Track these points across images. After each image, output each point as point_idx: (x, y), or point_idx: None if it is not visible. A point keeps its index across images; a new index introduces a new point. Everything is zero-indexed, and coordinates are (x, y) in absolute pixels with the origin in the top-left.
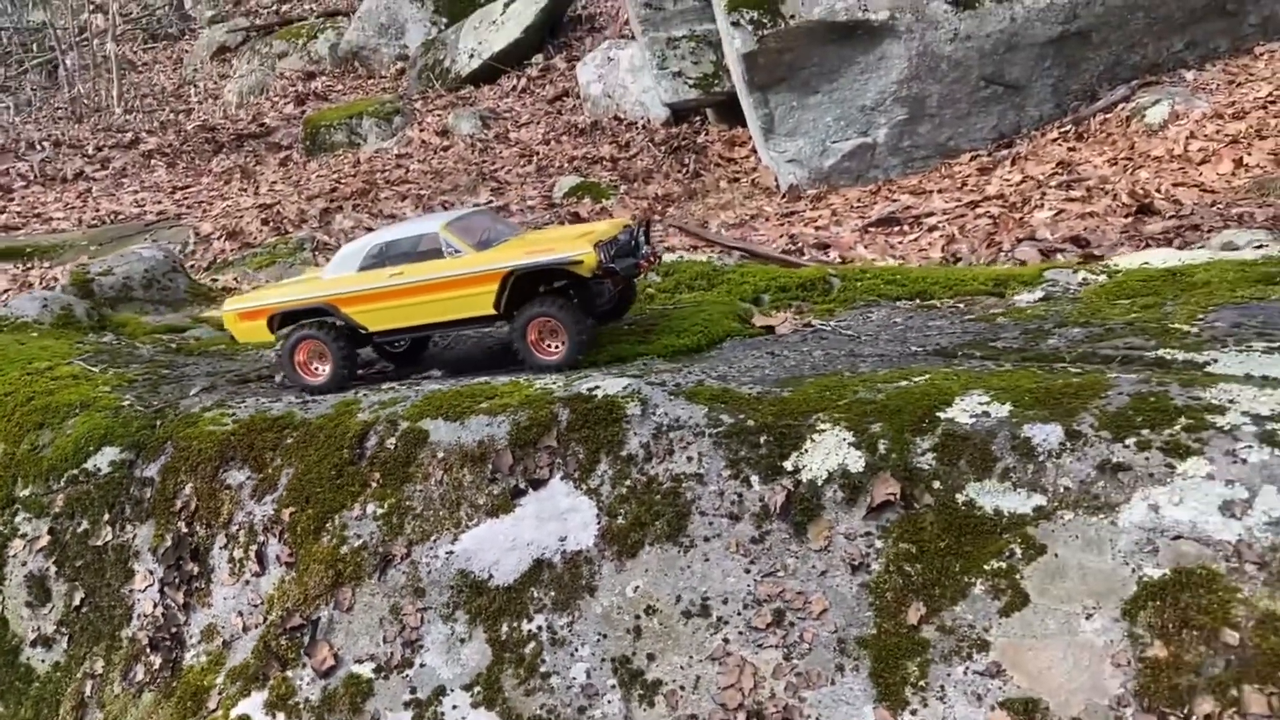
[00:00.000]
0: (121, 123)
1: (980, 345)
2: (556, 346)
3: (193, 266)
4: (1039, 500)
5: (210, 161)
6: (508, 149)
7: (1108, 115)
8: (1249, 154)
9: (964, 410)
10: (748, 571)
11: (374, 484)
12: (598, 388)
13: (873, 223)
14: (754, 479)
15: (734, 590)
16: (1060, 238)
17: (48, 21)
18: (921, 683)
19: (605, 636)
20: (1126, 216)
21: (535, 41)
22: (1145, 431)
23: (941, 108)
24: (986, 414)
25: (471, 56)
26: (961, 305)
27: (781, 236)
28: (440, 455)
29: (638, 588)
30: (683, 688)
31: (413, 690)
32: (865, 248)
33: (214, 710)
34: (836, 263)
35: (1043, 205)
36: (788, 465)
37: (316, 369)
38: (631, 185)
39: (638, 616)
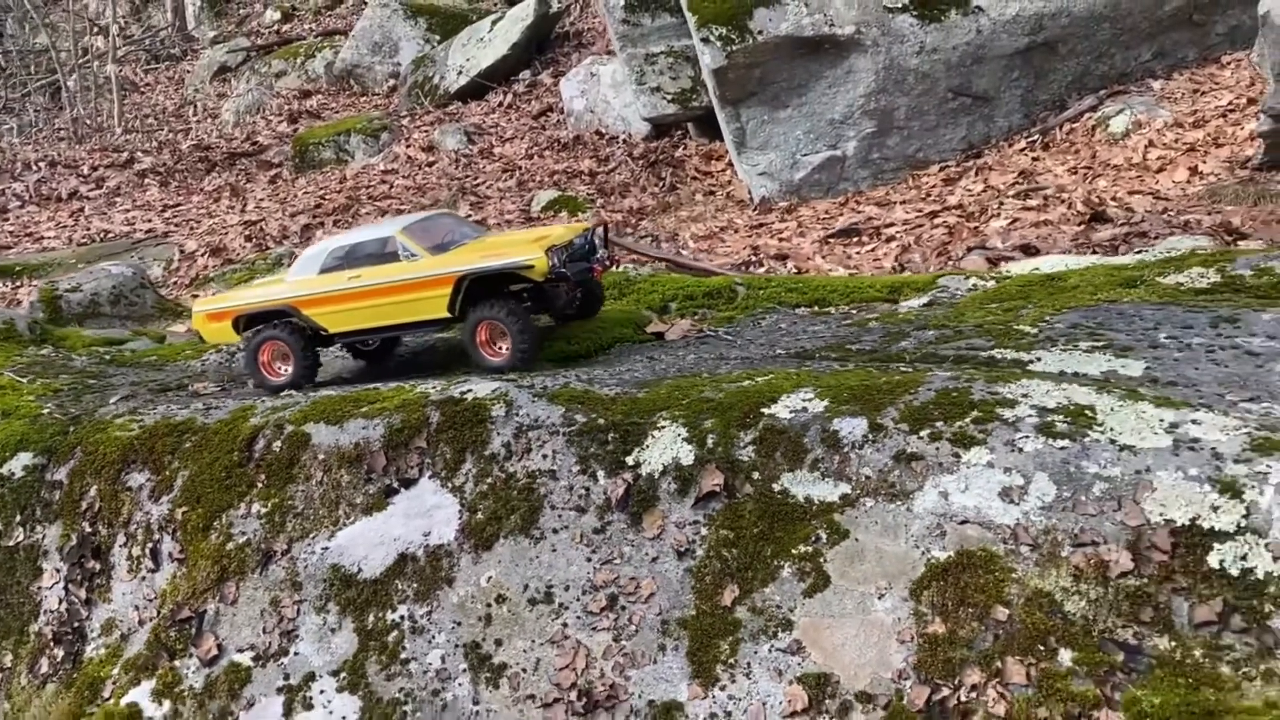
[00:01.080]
0: (120, 143)
1: (838, 348)
2: (504, 349)
3: (175, 282)
4: (844, 489)
5: (202, 180)
6: (491, 164)
7: (1074, 125)
8: (1204, 162)
9: (786, 407)
10: (589, 560)
11: (259, 484)
12: (470, 391)
13: (833, 234)
14: (600, 474)
15: (575, 578)
16: (1010, 245)
17: (51, 44)
18: (731, 660)
19: (459, 624)
20: (1079, 224)
21: (522, 58)
22: (939, 424)
23: (910, 120)
24: (805, 409)
25: (460, 73)
26: (853, 311)
27: (745, 248)
28: (321, 457)
29: (491, 578)
30: (525, 670)
31: (286, 677)
32: (823, 258)
33: (107, 699)
34: (792, 273)
35: (999, 214)
36: (630, 460)
37: (280, 369)
38: (608, 199)
39: (489, 605)
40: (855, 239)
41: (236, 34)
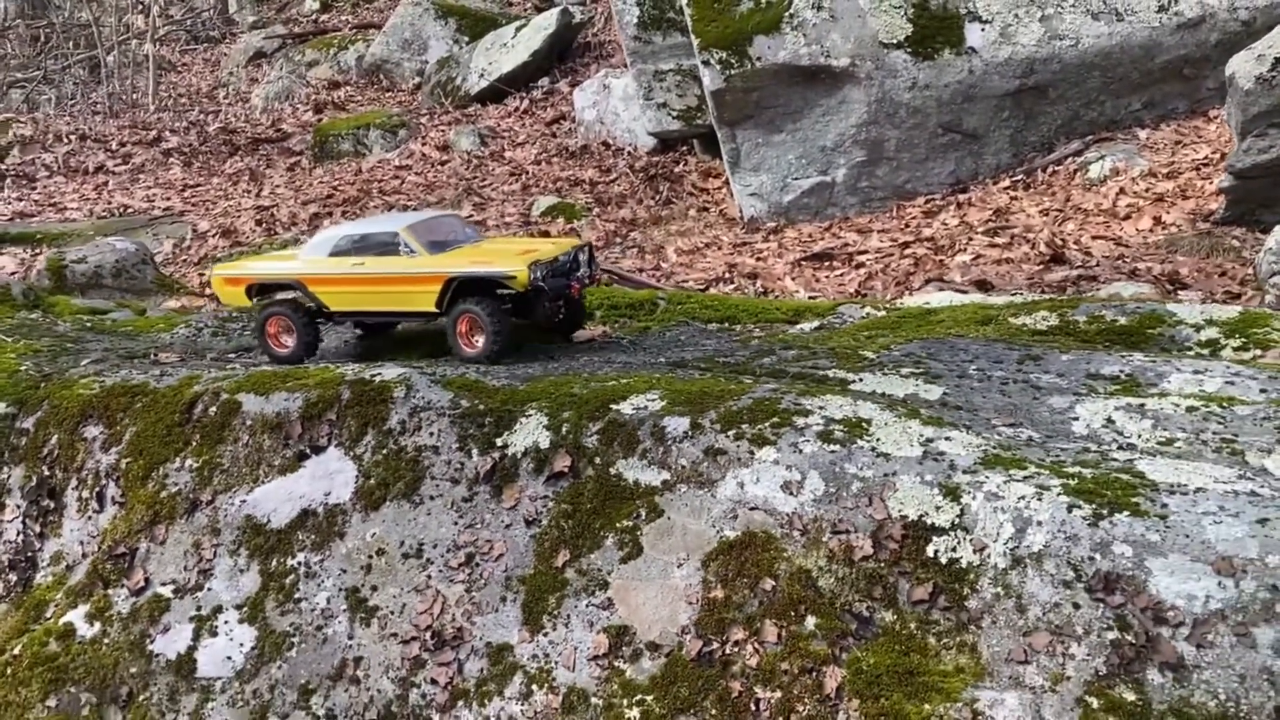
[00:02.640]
0: (152, 120)
1: (709, 360)
2: (479, 342)
3: (185, 260)
4: (665, 475)
5: (225, 163)
6: (500, 166)
7: (1057, 168)
8: (1169, 213)
9: (631, 405)
10: (455, 524)
11: (194, 442)
12: (379, 374)
13: (807, 257)
14: (474, 452)
15: (443, 538)
16: (967, 280)
17: (94, 19)
18: (556, 612)
19: (345, 571)
20: (1039, 264)
21: (542, 65)
22: (745, 426)
23: (899, 151)
24: (645, 408)
25: (481, 76)
26: (754, 329)
27: (723, 265)
28: (248, 422)
29: (375, 534)
30: (393, 613)
31: (198, 608)
32: (792, 280)
33: (48, 618)
34: (760, 293)
35: (965, 249)
36: (499, 442)
37: (285, 341)
38: (605, 209)
39: (371, 556)
40: (827, 263)
41: (275, 20)
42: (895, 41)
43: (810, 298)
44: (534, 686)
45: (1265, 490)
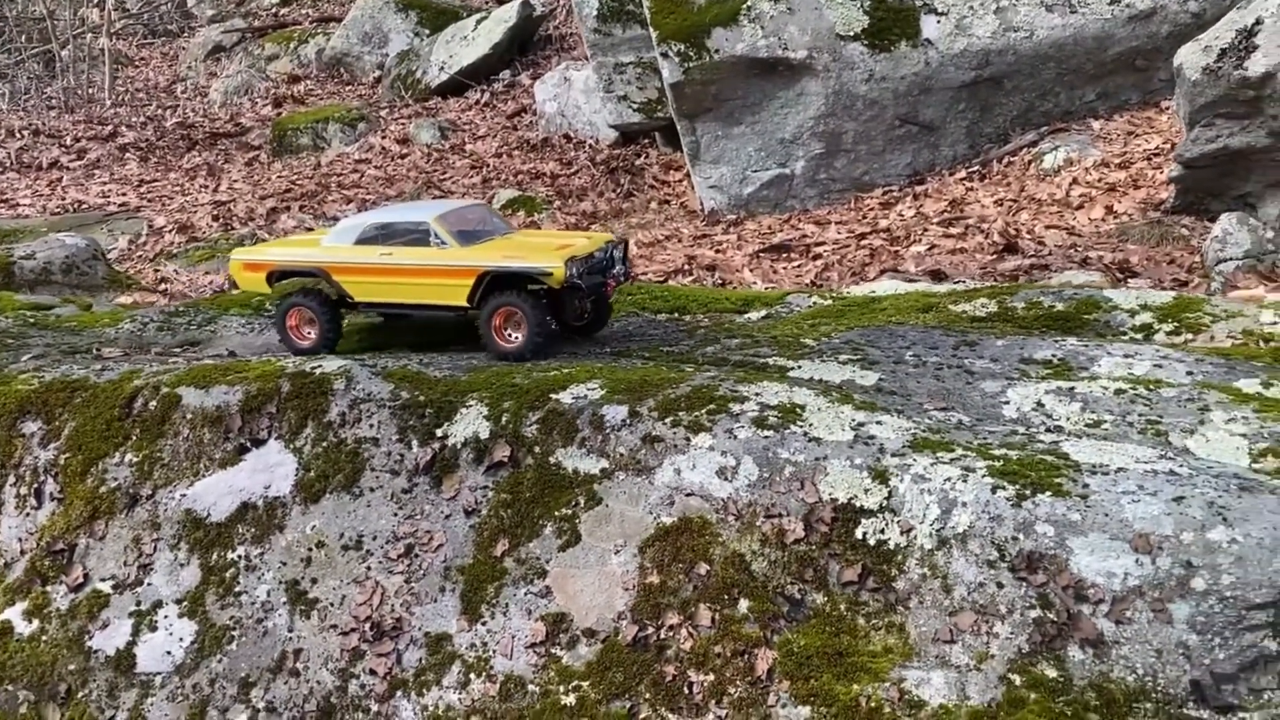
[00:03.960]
0: (108, 115)
1: (655, 349)
2: (516, 336)
3: (140, 256)
4: (604, 463)
5: (182, 158)
6: (461, 159)
7: (1013, 158)
8: (1120, 202)
9: (571, 394)
10: (395, 515)
11: (134, 437)
12: (319, 366)
13: (765, 249)
14: (414, 443)
15: (382, 529)
16: (922, 270)
17: (48, 12)
18: (494, 601)
19: (285, 564)
20: (992, 254)
21: (503, 58)
22: (682, 413)
23: (857, 144)
24: (585, 397)
25: (441, 69)
26: (704, 320)
27: (682, 257)
28: (189, 416)
29: (315, 526)
30: (332, 604)
31: (138, 603)
32: (750, 271)
33: None
34: (718, 284)
35: (921, 240)
36: (439, 432)
37: (306, 333)
38: (566, 201)
39: (310, 549)
40: (785, 255)
41: (235, 14)
42: (852, 34)
43: (767, 289)
44: (472, 675)
45: (1184, 470)
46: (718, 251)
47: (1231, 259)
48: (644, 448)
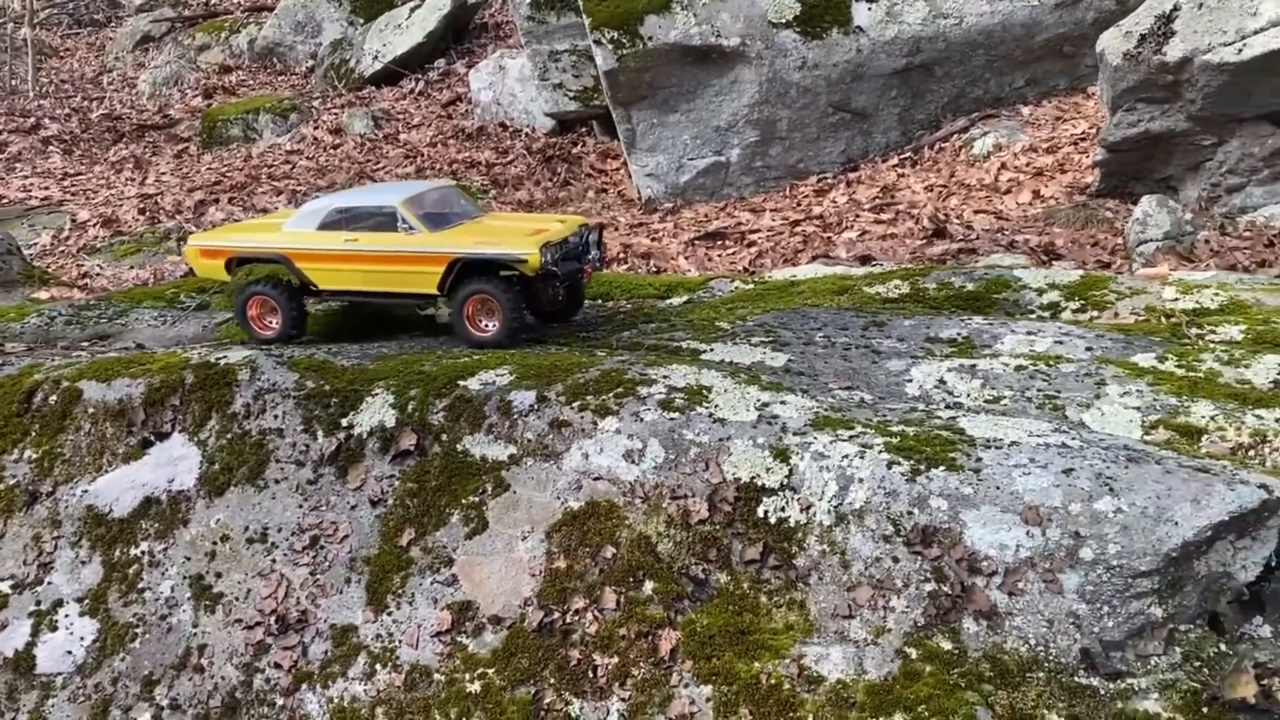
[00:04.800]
0: (32, 108)
1: (570, 334)
2: (490, 325)
3: (63, 251)
4: (512, 449)
5: (108, 151)
6: (395, 149)
7: (944, 145)
8: (1047, 186)
9: (479, 380)
10: (300, 506)
11: (33, 433)
12: (224, 357)
13: (700, 236)
14: (320, 433)
15: (287, 521)
16: (852, 256)
17: None
18: (400, 591)
19: (189, 559)
20: (922, 239)
21: (438, 47)
22: (589, 397)
23: (792, 131)
24: (493, 383)
25: (375, 58)
26: (625, 305)
27: (618, 245)
28: (90, 410)
29: (219, 520)
30: (237, 598)
31: (38, 603)
32: (686, 259)
33: None
34: (653, 272)
35: (853, 226)
36: (345, 422)
37: (269, 322)
38: (502, 190)
39: (215, 543)
40: (720, 242)
41: (164, 3)
42: (784, 21)
43: (703, 274)
44: (377, 666)
45: (1075, 442)
46: (653, 239)
47: (1152, 240)
48: (552, 433)
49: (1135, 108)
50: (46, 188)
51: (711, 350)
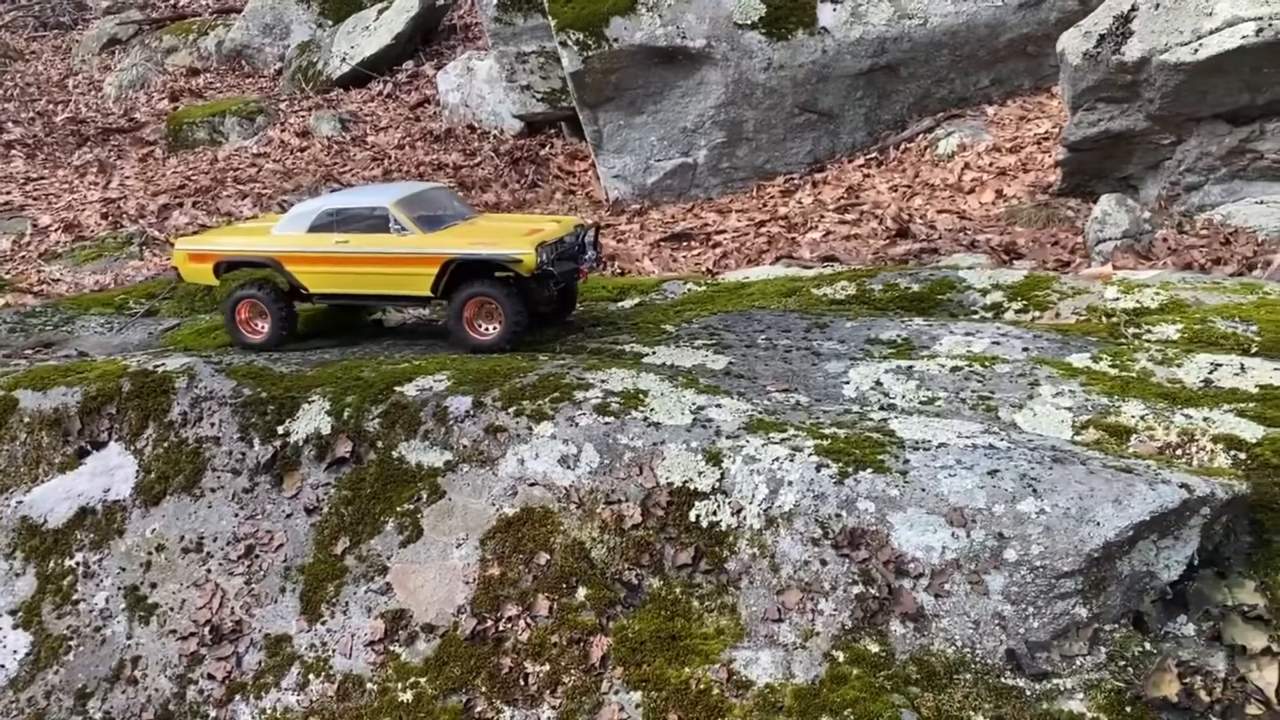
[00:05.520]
0: (0, 111)
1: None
2: (490, 329)
3: (24, 256)
4: (448, 456)
5: (72, 155)
6: (362, 152)
7: (909, 145)
8: (1010, 186)
9: (416, 386)
10: (236, 515)
11: None
12: (162, 364)
13: (666, 238)
14: (256, 441)
15: (223, 530)
16: (816, 256)
17: None
18: (334, 599)
19: (124, 570)
20: (885, 239)
21: (406, 49)
22: (525, 402)
23: (758, 132)
24: (430, 388)
25: (343, 61)
26: (580, 307)
27: None
28: (26, 420)
29: (155, 530)
30: (172, 609)
31: None
32: (650, 260)
33: None
34: (617, 273)
35: (817, 227)
36: (281, 429)
37: (258, 326)
38: (469, 193)
39: (150, 553)
40: (686, 243)
41: (131, 5)
42: (749, 22)
43: (667, 274)
44: (311, 676)
45: (1003, 443)
46: (619, 241)
47: (1110, 239)
48: (487, 438)
49: (1095, 107)
50: (8, 192)
51: (654, 353)
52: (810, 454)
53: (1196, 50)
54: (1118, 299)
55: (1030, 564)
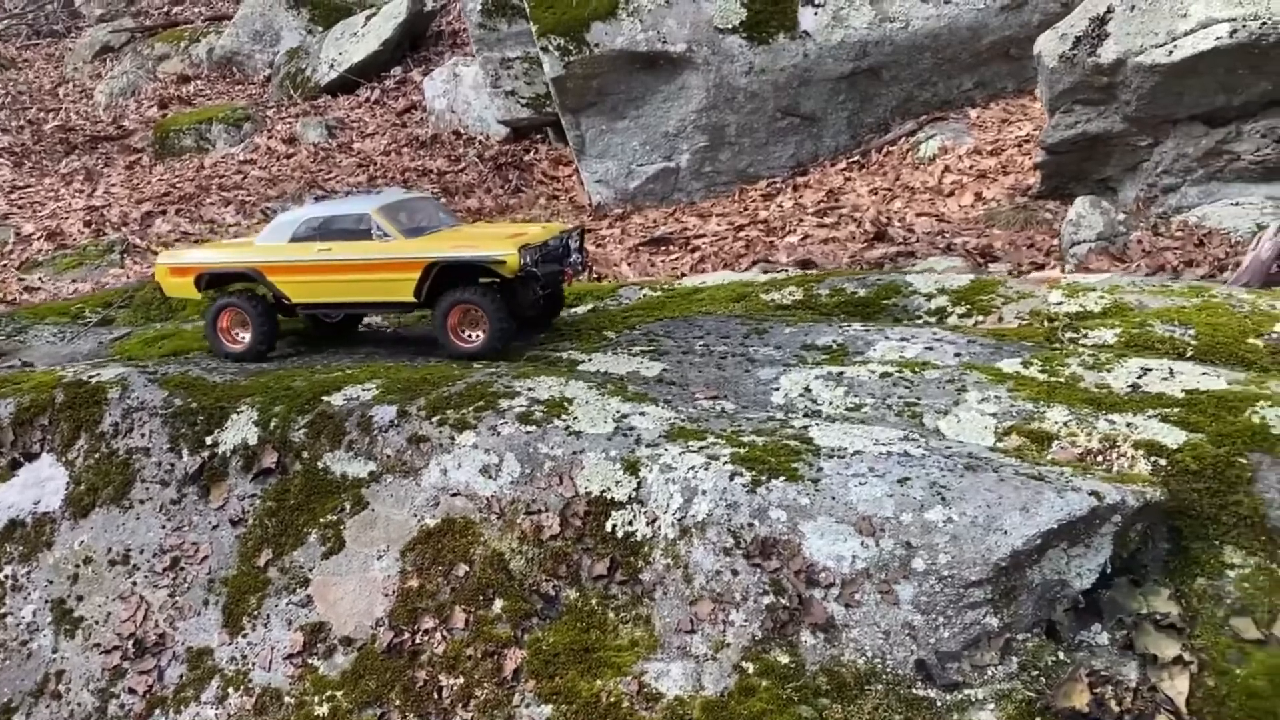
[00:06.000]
0: None
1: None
2: (475, 335)
3: (5, 265)
4: (372, 466)
5: (60, 163)
6: (348, 158)
7: (892, 148)
8: (989, 188)
9: (344, 395)
10: (163, 527)
11: None
12: (97, 375)
13: (644, 242)
14: (185, 451)
15: (150, 542)
16: (792, 260)
17: None
18: (256, 612)
19: (52, 582)
20: (863, 242)
21: (394, 55)
22: (449, 411)
23: (740, 136)
24: (357, 398)
25: (331, 67)
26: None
27: None
28: None
29: (83, 542)
30: (97, 622)
31: None
32: (628, 265)
33: None
34: (595, 279)
35: (796, 230)
36: (209, 440)
37: (238, 336)
38: (452, 199)
39: (78, 566)
40: (664, 248)
41: (124, 13)
42: (730, 26)
43: (642, 278)
44: (230, 689)
45: (919, 451)
46: (598, 245)
47: (1085, 241)
48: (410, 448)
49: (1073, 109)
50: None
51: (590, 360)
52: (726, 462)
53: (1171, 52)
54: (1061, 303)
55: (938, 573)
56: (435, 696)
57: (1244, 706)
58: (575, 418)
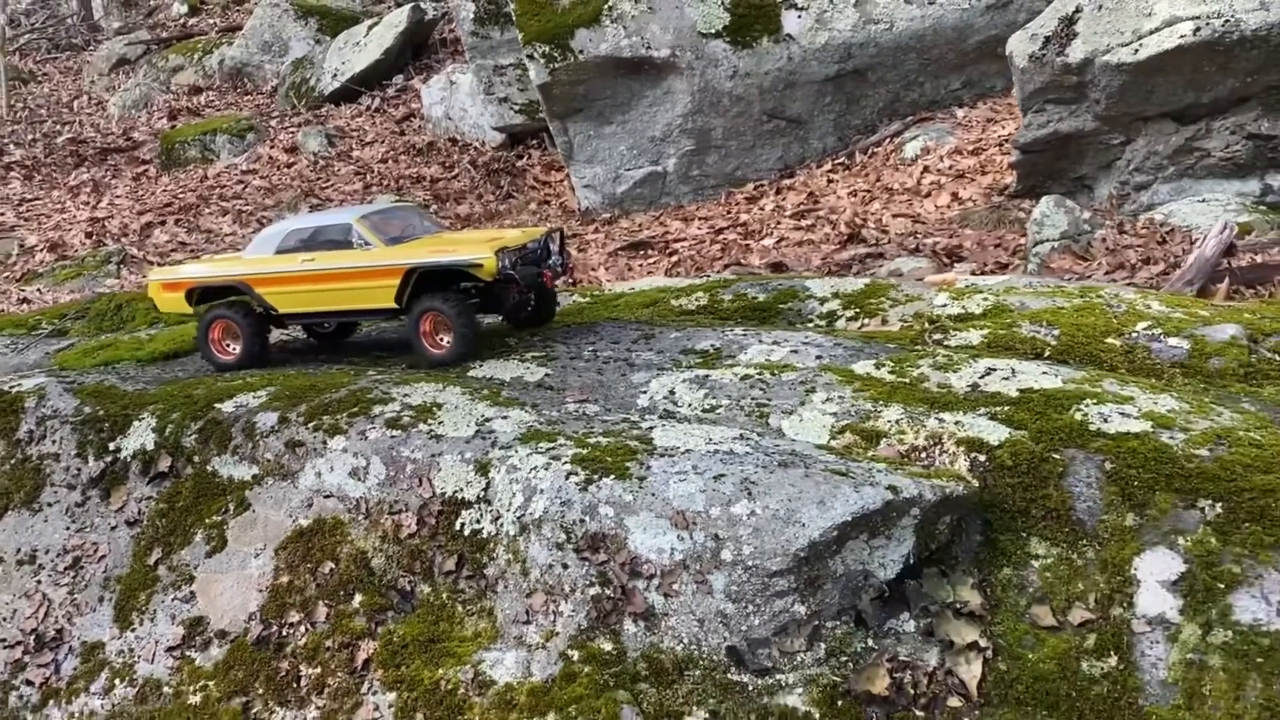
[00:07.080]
0: (6, 133)
1: (364, 351)
2: (446, 341)
3: (8, 276)
4: (255, 470)
5: (69, 175)
6: (346, 166)
7: (877, 149)
8: (966, 189)
9: (234, 402)
10: (68, 528)
11: None
12: (18, 384)
13: (624, 246)
14: (91, 457)
15: (55, 543)
16: (764, 263)
17: None
18: (145, 608)
19: None
20: (837, 244)
21: (395, 64)
22: (325, 417)
23: (727, 140)
24: (245, 405)
25: (334, 76)
26: None
27: None
28: None
29: None
30: (4, 619)
31: None
32: (606, 269)
33: None
34: (571, 283)
35: (772, 233)
36: (113, 446)
37: (229, 347)
38: (444, 205)
39: None
40: (643, 252)
41: (142, 26)
42: (714, 31)
43: (618, 282)
44: (116, 681)
45: (744, 449)
46: (579, 250)
47: (1048, 240)
48: (288, 453)
49: (1044, 109)
50: (2, 214)
51: (480, 366)
52: (565, 462)
53: (1137, 50)
54: (945, 305)
55: (744, 564)
56: (295, 685)
57: (1031, 689)
58: (440, 422)
